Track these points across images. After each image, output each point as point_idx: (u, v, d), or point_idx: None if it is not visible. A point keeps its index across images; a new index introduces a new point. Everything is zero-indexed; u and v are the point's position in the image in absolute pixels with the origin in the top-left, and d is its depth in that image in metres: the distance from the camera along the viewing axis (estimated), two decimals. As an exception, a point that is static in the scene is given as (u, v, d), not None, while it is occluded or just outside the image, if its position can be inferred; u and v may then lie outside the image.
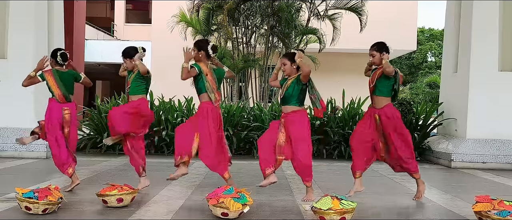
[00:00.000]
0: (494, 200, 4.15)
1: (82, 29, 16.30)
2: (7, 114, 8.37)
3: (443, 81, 10.02)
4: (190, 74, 5.05)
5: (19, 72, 6.17)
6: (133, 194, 4.70)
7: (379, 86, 5.10)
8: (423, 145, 9.34)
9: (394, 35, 18.59)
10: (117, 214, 4.34)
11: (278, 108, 9.86)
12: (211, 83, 5.12)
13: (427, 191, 5.95)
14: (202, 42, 5.35)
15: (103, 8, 28.96)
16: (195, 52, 5.19)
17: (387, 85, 5.08)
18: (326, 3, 13.63)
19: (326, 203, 4.06)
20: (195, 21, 13.91)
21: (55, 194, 4.28)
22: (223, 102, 12.55)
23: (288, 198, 5.24)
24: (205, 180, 6.32)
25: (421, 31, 38.89)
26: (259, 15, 13.13)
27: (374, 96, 5.18)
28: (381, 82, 5.09)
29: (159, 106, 9.65)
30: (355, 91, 11.43)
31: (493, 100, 8.49)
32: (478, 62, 8.56)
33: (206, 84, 5.09)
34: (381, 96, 5.11)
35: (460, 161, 8.26)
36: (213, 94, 5.13)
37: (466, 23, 8.87)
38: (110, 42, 22.88)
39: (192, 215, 4.40)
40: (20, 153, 8.28)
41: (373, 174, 7.41)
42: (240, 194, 4.27)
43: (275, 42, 13.72)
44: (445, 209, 4.94)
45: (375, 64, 5.20)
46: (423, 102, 11.95)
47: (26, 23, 8.73)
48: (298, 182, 6.29)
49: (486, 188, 6.34)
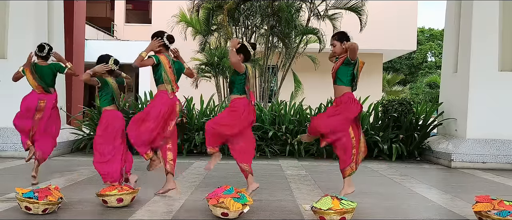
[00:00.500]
0: (494, 200, 4.16)
1: (82, 29, 16.28)
2: (7, 114, 8.30)
3: (443, 81, 10.02)
4: (144, 62, 5.02)
5: (19, 72, 6.18)
6: (133, 194, 4.70)
7: (339, 75, 5.13)
8: (423, 145, 9.34)
9: (394, 35, 18.63)
10: (117, 214, 4.35)
11: (277, 108, 9.87)
12: (169, 74, 5.12)
13: (427, 191, 5.97)
14: (160, 33, 5.36)
15: (103, 8, 28.95)
16: (158, 42, 5.19)
17: (346, 74, 5.10)
18: (326, 3, 13.63)
19: (326, 203, 4.06)
20: (195, 21, 13.91)
21: (55, 194, 4.28)
22: (223, 102, 12.56)
23: (288, 198, 5.24)
24: (205, 180, 6.32)
25: (421, 31, 38.90)
26: (259, 15, 13.12)
27: (334, 86, 5.23)
28: (340, 71, 5.13)
29: (159, 106, 9.65)
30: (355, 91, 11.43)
31: (493, 100, 8.49)
32: (478, 62, 8.56)
33: (164, 74, 5.09)
34: (340, 85, 5.15)
35: (460, 161, 8.26)
36: (170, 85, 5.13)
37: (466, 23, 8.88)
38: (110, 42, 22.87)
39: (192, 215, 4.40)
40: (20, 153, 8.27)
41: (373, 174, 7.42)
42: (240, 194, 4.28)
43: (275, 42, 13.71)
44: (445, 209, 4.94)
45: (336, 54, 5.23)
46: (423, 102, 11.96)
47: (26, 23, 8.73)
48: (298, 182, 6.29)
49: (486, 188, 6.34)
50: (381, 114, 9.76)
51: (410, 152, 9.26)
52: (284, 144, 9.32)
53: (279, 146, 9.34)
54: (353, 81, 5.15)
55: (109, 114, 5.32)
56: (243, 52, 5.33)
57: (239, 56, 5.26)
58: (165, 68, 5.09)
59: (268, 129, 9.29)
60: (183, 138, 8.97)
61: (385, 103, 9.79)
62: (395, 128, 9.42)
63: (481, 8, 8.58)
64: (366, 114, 9.67)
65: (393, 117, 9.37)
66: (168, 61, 5.13)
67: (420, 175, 7.42)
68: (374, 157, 9.26)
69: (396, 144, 9.14)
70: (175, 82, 5.19)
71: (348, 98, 5.09)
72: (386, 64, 31.95)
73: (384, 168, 8.05)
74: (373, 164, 8.49)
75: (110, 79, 5.36)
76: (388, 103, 9.65)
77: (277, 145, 9.35)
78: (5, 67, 8.50)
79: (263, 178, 6.56)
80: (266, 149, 9.17)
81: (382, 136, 9.22)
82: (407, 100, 9.83)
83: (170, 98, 5.11)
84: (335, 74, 5.15)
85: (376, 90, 19.20)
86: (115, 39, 24.88)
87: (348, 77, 5.10)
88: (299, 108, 9.86)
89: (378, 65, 20.78)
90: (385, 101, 10.09)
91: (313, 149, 9.29)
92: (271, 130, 9.25)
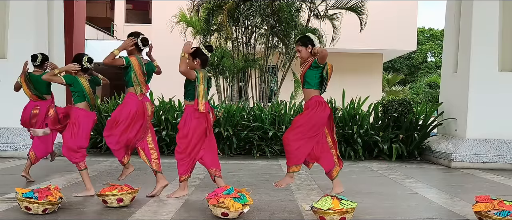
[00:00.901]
0: (494, 200, 4.16)
1: (82, 29, 16.29)
2: (7, 114, 8.35)
3: (443, 81, 10.02)
4: (114, 61, 5.02)
5: (19, 72, 6.19)
6: (133, 194, 4.70)
7: (307, 78, 5.16)
8: (423, 145, 9.34)
9: (394, 35, 18.64)
10: (117, 214, 4.35)
11: (277, 108, 9.87)
12: (139, 76, 5.11)
13: (427, 191, 5.97)
14: (135, 33, 5.33)
15: (103, 8, 28.96)
16: (131, 42, 5.18)
17: (314, 77, 5.13)
18: (326, 3, 13.63)
19: (326, 203, 4.06)
20: (195, 21, 13.91)
21: (55, 194, 4.28)
22: (223, 102, 12.56)
23: (288, 198, 5.23)
24: (205, 180, 6.32)
25: (421, 31, 38.90)
26: (259, 15, 13.12)
27: (303, 89, 5.27)
28: (308, 74, 5.15)
29: (159, 106, 9.66)
30: (355, 91, 11.44)
31: (493, 100, 8.48)
32: (478, 62, 8.56)
33: (134, 77, 5.09)
34: (309, 88, 5.18)
35: (460, 161, 8.26)
36: (139, 87, 5.12)
37: (466, 23, 8.88)
38: (110, 42, 22.89)
39: (192, 215, 4.40)
40: (20, 153, 8.28)
41: (373, 174, 7.42)
42: (240, 194, 4.28)
43: (275, 42, 13.71)
44: (445, 209, 4.94)
45: (303, 59, 5.25)
46: (423, 102, 11.95)
47: (26, 23, 8.73)
48: (298, 182, 6.29)
49: (486, 188, 6.34)
50: (381, 114, 9.77)
51: (410, 152, 9.26)
52: (284, 144, 9.31)
53: (279, 146, 9.34)
54: (322, 84, 5.19)
55: (79, 112, 5.21)
56: (199, 56, 5.15)
57: (195, 62, 5.09)
58: (135, 70, 5.09)
59: (268, 129, 9.29)
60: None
61: (385, 103, 9.79)
62: (395, 128, 9.42)
63: (481, 8, 8.58)
64: (366, 114, 9.68)
65: (393, 117, 9.37)
66: (138, 63, 5.12)
67: (420, 175, 7.42)
68: (374, 157, 9.26)
69: (396, 144, 9.14)
70: (145, 84, 5.20)
71: (315, 102, 5.14)
72: (386, 64, 31.96)
73: (384, 168, 8.05)
74: (373, 164, 8.50)
75: (82, 78, 5.30)
76: (388, 103, 9.66)
77: (277, 145, 9.35)
78: (5, 67, 8.52)
79: (263, 178, 6.56)
80: (266, 149, 9.17)
81: (382, 136, 9.23)
82: (407, 100, 9.82)
83: (139, 100, 5.12)
84: (303, 78, 5.21)
85: (376, 90, 19.22)
86: (115, 39, 24.89)
87: (317, 80, 5.15)
88: (299, 108, 9.86)
89: (378, 65, 20.80)
90: (385, 101, 10.09)
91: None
92: (271, 130, 9.25)
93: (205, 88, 5.10)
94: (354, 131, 9.22)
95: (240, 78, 13.92)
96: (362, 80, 19.13)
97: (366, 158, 9.18)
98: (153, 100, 9.93)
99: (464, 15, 8.98)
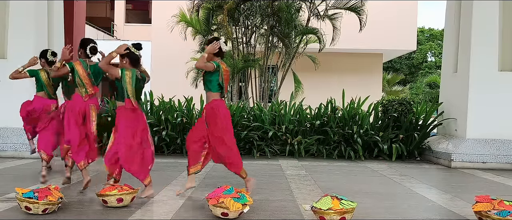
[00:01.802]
0: (494, 200, 4.16)
1: (82, 29, 16.28)
2: (7, 114, 8.34)
3: (443, 81, 10.02)
4: (58, 72, 5.41)
5: (18, 73, 6.20)
6: (133, 194, 4.70)
7: (206, 81, 5.29)
8: (423, 145, 9.34)
9: (394, 35, 18.63)
10: (117, 214, 4.35)
11: (277, 108, 9.87)
12: (84, 78, 5.39)
13: (427, 191, 5.97)
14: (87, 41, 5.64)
15: (103, 8, 28.96)
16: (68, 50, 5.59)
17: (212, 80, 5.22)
18: (326, 3, 13.63)
19: (326, 203, 4.06)
20: (195, 21, 13.91)
21: (55, 194, 4.28)
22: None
23: (288, 198, 5.24)
24: (205, 180, 6.32)
25: (421, 31, 38.93)
26: (259, 15, 13.12)
27: (206, 93, 5.36)
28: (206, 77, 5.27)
29: (159, 106, 9.65)
30: (355, 91, 11.44)
31: (493, 100, 8.49)
32: (478, 62, 8.56)
33: (78, 79, 5.39)
34: (208, 91, 5.29)
35: (460, 161, 8.26)
36: (84, 89, 5.41)
37: (466, 23, 8.88)
38: (110, 42, 22.89)
39: (192, 215, 4.40)
40: (20, 153, 8.28)
41: (373, 174, 7.42)
42: (240, 194, 4.28)
43: (275, 42, 13.72)
44: (445, 209, 4.94)
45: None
46: (423, 102, 11.95)
47: (26, 23, 8.73)
48: (298, 182, 6.29)
49: (486, 188, 6.34)
50: (381, 114, 9.77)
51: (410, 152, 9.26)
52: (284, 144, 9.32)
53: (279, 146, 9.34)
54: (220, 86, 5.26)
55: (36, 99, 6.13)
56: (128, 56, 5.11)
57: (124, 60, 5.10)
58: (79, 73, 5.38)
59: (268, 129, 9.29)
60: (183, 138, 8.96)
61: (385, 103, 9.80)
62: (395, 128, 9.42)
63: (481, 8, 8.58)
64: (366, 114, 9.68)
65: (393, 117, 9.37)
66: (82, 67, 5.42)
67: (420, 175, 7.42)
68: (374, 157, 9.26)
69: (396, 144, 9.14)
70: (91, 85, 5.47)
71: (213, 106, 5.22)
72: (386, 64, 31.98)
73: (384, 168, 8.05)
74: (373, 164, 8.50)
75: (42, 71, 6.13)
76: (388, 103, 9.66)
77: (277, 145, 9.35)
78: (5, 67, 8.48)
79: (263, 178, 6.56)
80: (266, 149, 9.17)
81: (382, 136, 9.23)
82: (407, 100, 9.83)
83: (84, 101, 5.43)
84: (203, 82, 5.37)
85: (376, 90, 19.22)
86: (115, 39, 24.90)
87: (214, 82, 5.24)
88: (299, 108, 9.86)
89: (378, 65, 20.79)
90: (385, 101, 10.10)
91: (313, 149, 9.30)
92: (271, 130, 9.25)
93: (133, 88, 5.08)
94: (354, 131, 9.22)
95: (240, 78, 13.93)
96: (362, 80, 19.14)
97: (366, 158, 9.18)
98: (153, 100, 9.96)
99: (464, 15, 8.98)
